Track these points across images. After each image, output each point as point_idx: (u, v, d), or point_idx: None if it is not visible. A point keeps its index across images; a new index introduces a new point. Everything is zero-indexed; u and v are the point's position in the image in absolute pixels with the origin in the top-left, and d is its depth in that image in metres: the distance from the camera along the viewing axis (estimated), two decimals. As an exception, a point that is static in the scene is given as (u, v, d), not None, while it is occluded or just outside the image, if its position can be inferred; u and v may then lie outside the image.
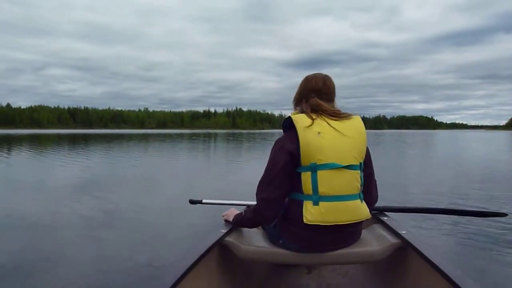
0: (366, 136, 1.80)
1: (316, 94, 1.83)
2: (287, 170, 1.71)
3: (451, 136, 67.44)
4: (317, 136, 1.68)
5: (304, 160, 1.68)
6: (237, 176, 10.25)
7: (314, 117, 1.74)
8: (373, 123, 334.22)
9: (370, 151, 1.87)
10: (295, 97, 1.95)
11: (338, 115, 1.78)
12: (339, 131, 1.71)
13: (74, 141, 34.89)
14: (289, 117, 1.77)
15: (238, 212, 2.00)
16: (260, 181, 1.78)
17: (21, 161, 14.95)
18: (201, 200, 2.57)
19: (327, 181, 1.67)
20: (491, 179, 8.95)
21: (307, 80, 1.90)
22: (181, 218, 5.05)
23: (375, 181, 1.96)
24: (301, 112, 1.80)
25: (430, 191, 7.26)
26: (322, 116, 1.75)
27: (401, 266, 1.88)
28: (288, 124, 1.79)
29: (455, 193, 7.05)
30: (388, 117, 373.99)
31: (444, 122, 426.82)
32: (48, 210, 5.54)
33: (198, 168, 12.39)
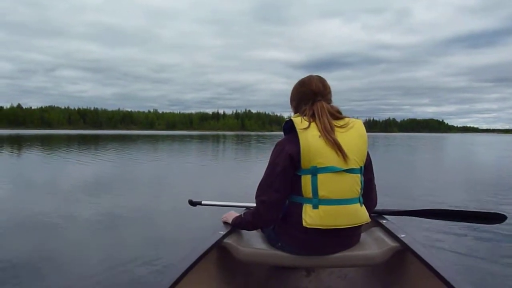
0: (367, 140, 1.78)
1: (321, 97, 1.82)
2: (287, 173, 1.70)
3: (462, 139, 66.71)
4: (318, 139, 1.67)
5: (305, 163, 1.67)
6: (238, 177, 10.25)
7: (315, 119, 1.73)
8: (383, 126, 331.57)
9: (380, 153, 1.85)
10: (293, 102, 1.93)
11: (339, 117, 1.78)
12: (340, 134, 1.70)
13: (83, 142, 35.15)
14: (290, 119, 1.76)
15: (237, 214, 2.00)
16: (260, 184, 1.77)
17: (29, 161, 15.09)
18: (201, 202, 2.55)
19: (327, 185, 1.66)
20: (500, 184, 8.81)
21: (305, 83, 1.87)
22: (180, 219, 5.05)
23: (375, 185, 1.95)
24: (303, 116, 1.78)
25: (433, 194, 7.19)
26: (324, 119, 1.73)
27: (400, 270, 1.87)
28: (289, 127, 1.78)
29: (460, 196, 6.98)
30: (399, 120, 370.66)
31: (455, 125, 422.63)
32: (48, 211, 5.50)
33: (200, 169, 12.43)
